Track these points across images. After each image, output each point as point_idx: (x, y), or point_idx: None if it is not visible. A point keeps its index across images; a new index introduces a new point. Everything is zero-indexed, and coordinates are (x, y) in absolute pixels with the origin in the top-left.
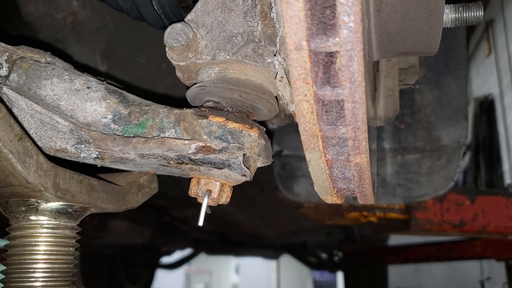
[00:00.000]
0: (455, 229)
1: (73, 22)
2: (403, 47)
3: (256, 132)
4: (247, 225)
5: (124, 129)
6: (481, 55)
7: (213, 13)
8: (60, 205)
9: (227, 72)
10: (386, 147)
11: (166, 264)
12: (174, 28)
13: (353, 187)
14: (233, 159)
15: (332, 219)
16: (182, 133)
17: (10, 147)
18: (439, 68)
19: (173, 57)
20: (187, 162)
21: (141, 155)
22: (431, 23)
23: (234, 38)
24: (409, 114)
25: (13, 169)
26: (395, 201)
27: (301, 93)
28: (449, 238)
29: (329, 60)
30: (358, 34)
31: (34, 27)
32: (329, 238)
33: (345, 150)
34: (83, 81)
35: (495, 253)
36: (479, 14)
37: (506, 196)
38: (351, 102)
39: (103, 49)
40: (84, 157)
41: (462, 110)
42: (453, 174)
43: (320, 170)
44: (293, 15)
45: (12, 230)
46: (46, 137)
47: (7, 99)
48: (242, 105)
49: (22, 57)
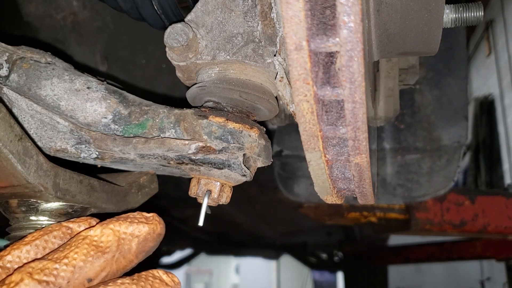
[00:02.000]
0: (455, 229)
1: (73, 22)
2: (403, 47)
3: (256, 132)
4: (247, 225)
5: (124, 129)
6: (481, 55)
7: (213, 13)
8: (60, 205)
9: (227, 72)
10: (386, 147)
11: (166, 264)
12: (174, 28)
13: (353, 187)
14: (233, 159)
15: (332, 219)
16: (182, 133)
17: (10, 147)
18: (439, 68)
19: (173, 57)
20: (187, 162)
21: (141, 155)
22: (431, 23)
23: (234, 38)
24: (409, 114)
25: (13, 169)
26: (395, 201)
27: (301, 93)
28: (449, 238)
29: (329, 60)
30: (358, 34)
31: (34, 27)
32: (329, 238)
33: (345, 150)
34: (83, 81)
35: (495, 253)
36: (479, 14)
37: (506, 196)
38: (351, 102)
39: (103, 49)
40: (84, 157)
41: (462, 110)
42: (453, 174)
43: (320, 170)
44: (293, 15)
45: (12, 230)
46: (46, 137)
47: (7, 99)
48: (242, 105)
49: (22, 57)
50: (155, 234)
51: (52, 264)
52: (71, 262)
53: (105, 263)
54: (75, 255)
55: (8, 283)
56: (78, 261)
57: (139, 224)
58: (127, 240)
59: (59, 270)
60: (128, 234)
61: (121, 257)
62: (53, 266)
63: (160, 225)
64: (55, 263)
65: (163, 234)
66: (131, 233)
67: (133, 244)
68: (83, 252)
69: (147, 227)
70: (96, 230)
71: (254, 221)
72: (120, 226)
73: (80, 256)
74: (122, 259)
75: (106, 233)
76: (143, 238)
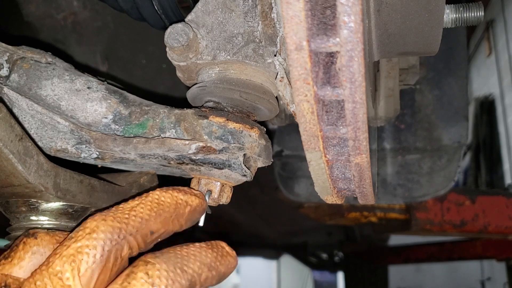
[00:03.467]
0: (455, 229)
1: (74, 22)
2: (404, 47)
3: (256, 132)
4: (247, 225)
5: (125, 129)
6: (482, 55)
7: (213, 13)
8: (60, 205)
9: (227, 72)
10: (387, 147)
11: None
12: (175, 28)
13: (353, 187)
14: (234, 159)
15: (333, 219)
16: (182, 133)
17: (11, 147)
18: (439, 68)
19: (173, 57)
20: (188, 162)
21: (142, 155)
22: (432, 23)
23: (234, 38)
24: (410, 114)
25: (13, 169)
26: (396, 201)
27: (302, 93)
28: (450, 238)
29: (329, 60)
30: (358, 34)
31: (34, 28)
32: (329, 238)
33: (346, 150)
34: (84, 81)
35: (495, 253)
36: (480, 14)
37: (506, 196)
38: (352, 102)
39: (104, 49)
40: (85, 157)
41: (463, 110)
42: (453, 174)
43: (321, 170)
44: (294, 15)
45: (12, 230)
46: (47, 137)
47: (8, 100)
48: (242, 105)
49: (23, 58)
50: (201, 208)
51: (123, 213)
52: (139, 214)
53: (164, 221)
54: (141, 209)
55: (83, 228)
56: (144, 214)
57: (192, 196)
58: (182, 205)
59: (129, 219)
60: (184, 200)
61: (176, 219)
62: (124, 216)
63: (206, 204)
64: (124, 213)
65: (205, 212)
66: (186, 200)
67: (186, 210)
68: (147, 207)
69: (197, 199)
70: (156, 192)
71: (254, 221)
72: (178, 193)
73: (145, 210)
74: (176, 221)
75: (166, 195)
76: (193, 208)
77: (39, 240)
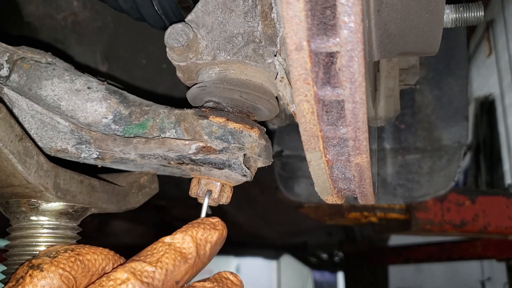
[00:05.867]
0: (455, 229)
1: (74, 22)
2: (404, 47)
3: (256, 133)
4: (247, 225)
5: (125, 130)
6: (482, 55)
7: (213, 14)
8: (60, 206)
9: (227, 73)
10: (387, 147)
11: None
12: (175, 29)
13: (353, 187)
14: (234, 159)
15: (333, 219)
16: (182, 133)
17: (11, 147)
18: (439, 68)
19: (173, 57)
20: (188, 162)
21: (142, 155)
22: (432, 23)
23: (234, 38)
24: (410, 114)
25: (13, 169)
26: (396, 201)
27: (302, 93)
28: (450, 238)
29: (329, 60)
30: (358, 34)
31: (34, 28)
32: (329, 238)
33: (346, 150)
34: (84, 81)
35: (495, 253)
36: (480, 14)
37: (506, 197)
38: (352, 103)
39: (104, 50)
40: (85, 158)
41: (463, 110)
42: (453, 174)
43: (321, 170)
44: (294, 15)
45: (12, 231)
46: (47, 138)
47: (8, 100)
48: (242, 105)
49: (23, 58)
50: (222, 238)
51: (150, 267)
52: (164, 266)
53: (188, 267)
54: (167, 260)
55: (114, 279)
56: (169, 265)
57: (211, 230)
58: (203, 245)
59: (155, 273)
60: (203, 240)
61: (199, 261)
62: (151, 269)
63: (225, 230)
64: (151, 266)
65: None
66: (205, 238)
67: (207, 249)
68: (172, 258)
69: (217, 232)
70: (178, 237)
71: (254, 221)
72: (197, 233)
73: (170, 261)
74: (200, 263)
75: (187, 240)
76: (214, 243)
77: (45, 272)
